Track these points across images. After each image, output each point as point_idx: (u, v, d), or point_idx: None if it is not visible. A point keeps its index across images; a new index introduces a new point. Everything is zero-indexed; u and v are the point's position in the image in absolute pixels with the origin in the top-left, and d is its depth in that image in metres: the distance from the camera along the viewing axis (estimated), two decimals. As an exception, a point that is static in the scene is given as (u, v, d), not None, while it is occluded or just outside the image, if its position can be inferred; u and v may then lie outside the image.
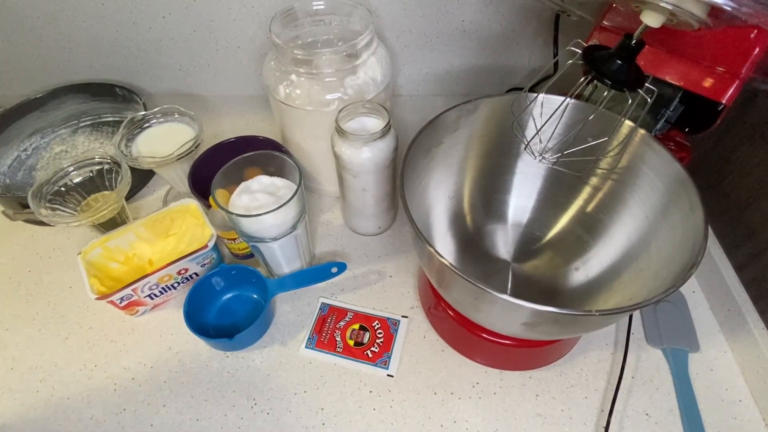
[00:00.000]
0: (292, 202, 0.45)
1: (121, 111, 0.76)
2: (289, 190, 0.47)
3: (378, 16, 0.70)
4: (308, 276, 0.54)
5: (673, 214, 0.41)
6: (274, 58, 0.55)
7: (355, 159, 0.50)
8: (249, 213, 0.44)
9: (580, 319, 0.35)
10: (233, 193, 0.48)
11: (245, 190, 0.48)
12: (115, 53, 0.76)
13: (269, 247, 0.49)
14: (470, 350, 0.50)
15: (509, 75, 0.79)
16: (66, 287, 0.57)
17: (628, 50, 0.37)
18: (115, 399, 0.48)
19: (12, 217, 0.60)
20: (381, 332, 0.52)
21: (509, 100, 0.47)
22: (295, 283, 0.53)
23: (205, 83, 0.81)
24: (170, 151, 0.55)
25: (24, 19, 0.71)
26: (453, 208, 0.54)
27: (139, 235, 0.55)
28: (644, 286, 0.41)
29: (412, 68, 0.78)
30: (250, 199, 0.47)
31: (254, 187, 0.48)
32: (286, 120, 0.58)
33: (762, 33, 0.39)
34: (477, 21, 0.71)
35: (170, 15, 0.70)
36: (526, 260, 0.54)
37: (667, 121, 0.48)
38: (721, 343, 0.52)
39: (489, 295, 0.33)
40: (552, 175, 0.53)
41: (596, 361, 0.50)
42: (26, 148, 0.72)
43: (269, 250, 0.50)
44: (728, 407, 0.47)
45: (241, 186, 0.48)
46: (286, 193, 0.47)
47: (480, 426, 0.46)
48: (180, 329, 0.52)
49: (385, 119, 0.50)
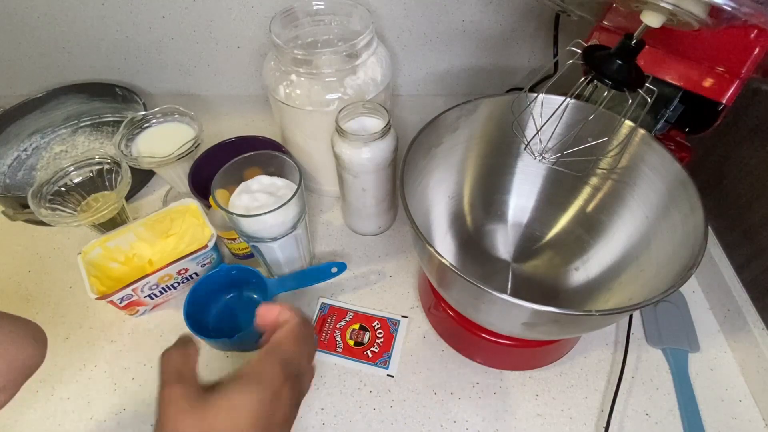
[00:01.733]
0: (292, 202, 0.45)
1: (121, 111, 0.76)
2: (290, 190, 0.47)
3: (378, 16, 0.70)
4: (308, 276, 0.54)
5: (673, 214, 0.41)
6: (274, 58, 0.55)
7: (355, 159, 0.50)
8: (249, 213, 0.44)
9: (580, 319, 0.35)
10: (233, 193, 0.48)
11: (245, 190, 0.48)
12: (115, 53, 0.76)
13: (269, 247, 0.49)
14: (470, 350, 0.50)
15: (509, 75, 0.79)
16: (66, 287, 0.57)
17: (628, 50, 0.37)
18: (115, 399, 0.48)
19: (12, 217, 0.60)
20: (381, 332, 0.52)
21: (509, 100, 0.47)
22: (295, 283, 0.53)
23: (205, 83, 0.81)
24: (170, 151, 0.55)
25: (24, 19, 0.71)
26: (453, 208, 0.54)
27: (139, 235, 0.55)
28: (644, 286, 0.41)
29: (412, 68, 0.78)
30: (250, 199, 0.47)
31: (254, 187, 0.48)
32: (286, 120, 0.58)
33: (762, 33, 0.39)
34: (477, 21, 0.71)
35: (170, 15, 0.70)
36: (526, 260, 0.54)
37: (667, 121, 0.48)
38: (721, 343, 0.52)
39: (489, 295, 0.33)
40: (552, 175, 0.53)
41: (596, 361, 0.50)
42: (26, 148, 0.72)
43: (269, 250, 0.50)
44: (728, 407, 0.47)
45: (241, 186, 0.48)
46: (286, 193, 0.47)
47: (480, 426, 0.46)
48: (180, 329, 0.52)
49: (385, 119, 0.50)
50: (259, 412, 0.26)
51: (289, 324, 0.31)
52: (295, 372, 0.29)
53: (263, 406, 0.26)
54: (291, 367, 0.29)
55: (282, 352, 0.29)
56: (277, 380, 0.28)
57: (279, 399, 0.27)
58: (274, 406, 0.27)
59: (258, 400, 0.26)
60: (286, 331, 0.30)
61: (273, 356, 0.29)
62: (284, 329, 0.30)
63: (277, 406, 0.27)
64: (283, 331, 0.30)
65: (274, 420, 0.27)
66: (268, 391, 0.27)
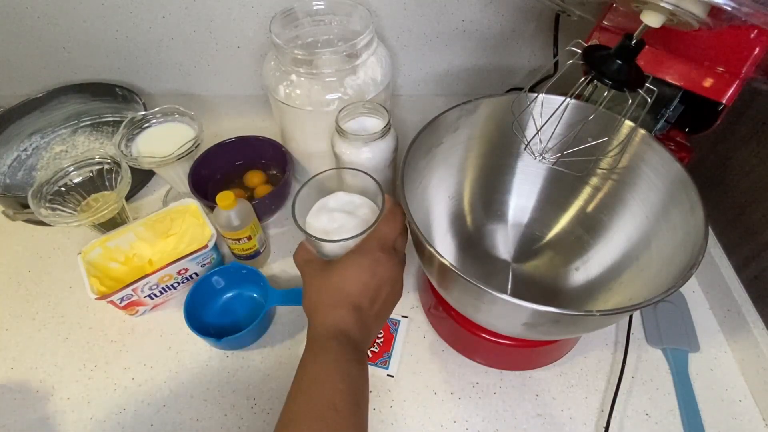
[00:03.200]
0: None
1: (121, 111, 0.76)
2: (368, 209, 0.44)
3: (378, 16, 0.70)
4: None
5: (674, 214, 0.41)
6: (274, 58, 0.55)
7: (355, 159, 0.50)
8: (329, 235, 0.41)
9: (580, 319, 0.35)
10: (309, 212, 0.44)
11: (323, 209, 0.45)
12: (115, 53, 0.76)
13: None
14: (470, 350, 0.50)
15: (509, 75, 0.79)
16: (66, 287, 0.57)
17: (628, 50, 0.37)
18: (115, 399, 0.48)
19: (12, 217, 0.60)
20: (381, 332, 0.52)
21: (509, 100, 0.47)
22: (295, 301, 0.51)
23: (205, 83, 0.81)
24: (170, 151, 0.55)
25: (24, 19, 0.71)
26: (453, 208, 0.54)
27: (139, 235, 0.55)
28: (644, 286, 0.41)
29: (412, 68, 0.78)
30: (329, 220, 0.44)
31: (331, 205, 0.45)
32: (286, 120, 0.58)
33: (762, 33, 0.39)
34: (477, 21, 0.71)
35: (170, 15, 0.70)
36: (526, 260, 0.54)
37: (667, 121, 0.48)
38: (721, 343, 0.52)
39: (489, 295, 0.33)
40: (552, 175, 0.53)
41: (596, 361, 0.50)
42: (26, 148, 0.72)
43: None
44: (728, 407, 0.47)
45: (319, 204, 0.45)
46: (365, 212, 0.44)
47: (480, 426, 0.46)
48: (180, 329, 0.52)
49: (385, 119, 0.50)
50: (361, 271, 0.38)
51: (384, 211, 0.40)
52: (388, 245, 0.40)
53: (363, 268, 0.38)
54: (384, 241, 0.40)
55: (377, 231, 0.40)
56: (374, 250, 0.39)
57: (378, 262, 0.38)
58: (374, 267, 0.38)
59: (358, 264, 0.38)
60: (382, 218, 0.40)
61: (371, 235, 0.40)
62: (380, 217, 0.40)
63: (377, 267, 0.38)
64: (380, 218, 0.40)
65: (377, 277, 0.38)
66: (366, 257, 0.38)
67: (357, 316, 0.37)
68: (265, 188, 0.61)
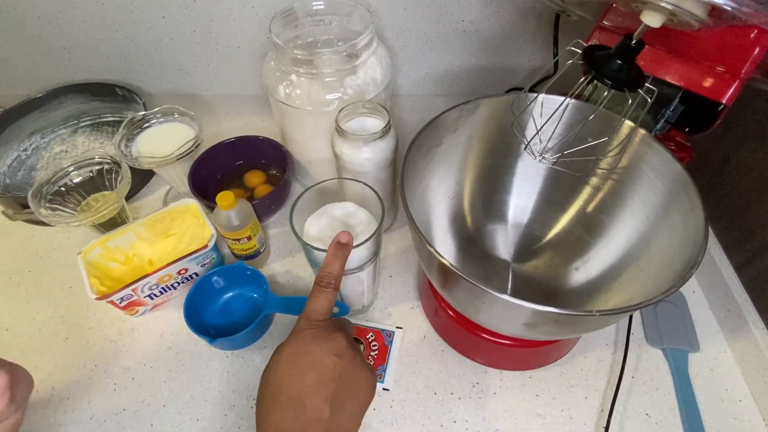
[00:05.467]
0: (368, 242, 0.41)
1: (121, 111, 0.76)
2: (369, 226, 0.44)
3: (378, 16, 0.70)
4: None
5: (674, 214, 0.41)
6: (274, 58, 0.55)
7: (355, 159, 0.50)
8: (323, 241, 0.42)
9: (580, 319, 0.35)
10: (311, 215, 0.44)
11: (326, 214, 0.44)
12: (115, 53, 0.76)
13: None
14: (470, 350, 0.50)
15: (509, 75, 0.79)
16: (66, 287, 0.57)
17: (628, 50, 0.37)
18: (115, 399, 0.48)
19: (12, 217, 0.60)
20: (375, 344, 0.51)
21: (509, 100, 0.47)
22: (294, 309, 0.51)
23: (205, 83, 0.81)
24: (170, 151, 0.55)
25: (24, 19, 0.71)
26: (453, 208, 0.54)
27: (139, 235, 0.55)
28: (644, 286, 0.41)
29: (412, 68, 0.78)
30: (329, 228, 0.43)
31: (336, 213, 0.45)
32: (286, 120, 0.58)
33: (762, 33, 0.39)
34: (477, 21, 0.71)
35: (170, 15, 0.70)
36: (526, 260, 0.54)
37: (667, 121, 0.48)
38: (721, 343, 0.52)
39: (489, 296, 0.33)
40: (552, 175, 0.53)
41: (596, 361, 0.50)
42: (26, 148, 0.72)
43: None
44: (728, 407, 0.47)
45: (323, 209, 0.45)
46: (364, 229, 0.43)
47: (480, 426, 0.46)
48: (180, 329, 0.52)
49: (385, 119, 0.50)
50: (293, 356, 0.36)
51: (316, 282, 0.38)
52: (320, 318, 0.36)
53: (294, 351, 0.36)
54: (314, 315, 0.36)
55: (305, 306, 0.37)
56: (303, 328, 0.36)
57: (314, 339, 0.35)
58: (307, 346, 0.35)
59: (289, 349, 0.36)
60: (312, 290, 0.38)
61: (301, 314, 0.37)
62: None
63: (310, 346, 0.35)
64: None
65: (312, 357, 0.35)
66: (296, 338, 0.36)
67: (295, 415, 0.32)
68: (265, 188, 0.61)
